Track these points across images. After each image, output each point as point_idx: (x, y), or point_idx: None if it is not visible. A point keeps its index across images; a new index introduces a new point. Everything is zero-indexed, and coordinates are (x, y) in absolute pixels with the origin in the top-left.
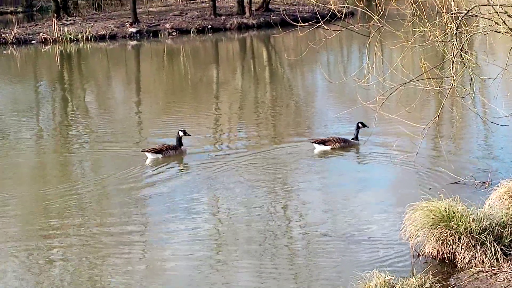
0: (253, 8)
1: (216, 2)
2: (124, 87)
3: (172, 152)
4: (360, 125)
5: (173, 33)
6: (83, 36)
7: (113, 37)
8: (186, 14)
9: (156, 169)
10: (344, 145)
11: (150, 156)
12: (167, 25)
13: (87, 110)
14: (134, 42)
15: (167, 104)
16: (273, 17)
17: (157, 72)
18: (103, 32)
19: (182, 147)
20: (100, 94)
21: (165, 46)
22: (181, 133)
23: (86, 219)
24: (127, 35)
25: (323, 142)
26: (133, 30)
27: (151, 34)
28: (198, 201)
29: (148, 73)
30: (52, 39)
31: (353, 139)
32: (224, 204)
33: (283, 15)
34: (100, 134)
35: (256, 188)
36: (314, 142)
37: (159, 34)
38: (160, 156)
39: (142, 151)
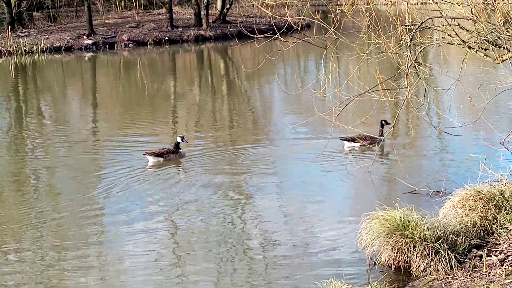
0: (210, 20)
1: (173, 14)
2: (80, 99)
3: (173, 155)
4: (383, 122)
5: (130, 45)
6: (38, 48)
7: (68, 49)
8: (143, 26)
9: (112, 176)
10: (372, 141)
11: (151, 159)
12: (124, 37)
13: (43, 122)
14: (90, 54)
15: (123, 115)
16: (230, 29)
17: (113, 84)
18: (58, 44)
19: (180, 150)
20: (55, 106)
21: (121, 58)
22: (179, 139)
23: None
24: (83, 47)
25: (352, 140)
26: (89, 42)
27: (107, 46)
28: (155, 212)
29: (104, 85)
30: (6, 51)
31: (378, 136)
32: (180, 213)
33: (240, 27)
34: (56, 146)
35: (213, 197)
36: (344, 140)
37: (116, 46)
38: (161, 159)
39: (144, 154)
